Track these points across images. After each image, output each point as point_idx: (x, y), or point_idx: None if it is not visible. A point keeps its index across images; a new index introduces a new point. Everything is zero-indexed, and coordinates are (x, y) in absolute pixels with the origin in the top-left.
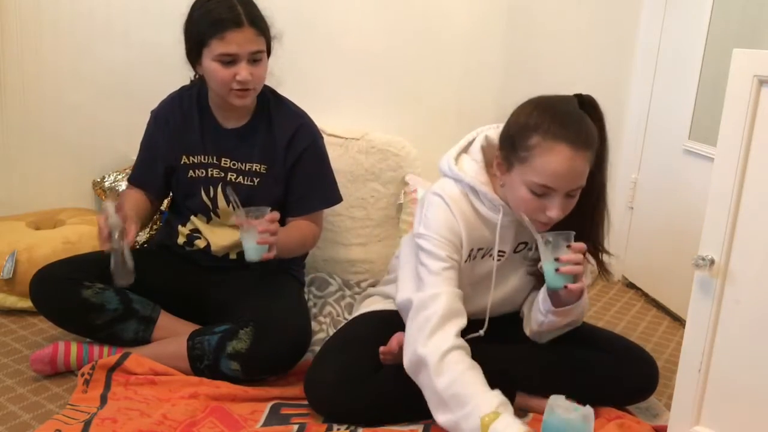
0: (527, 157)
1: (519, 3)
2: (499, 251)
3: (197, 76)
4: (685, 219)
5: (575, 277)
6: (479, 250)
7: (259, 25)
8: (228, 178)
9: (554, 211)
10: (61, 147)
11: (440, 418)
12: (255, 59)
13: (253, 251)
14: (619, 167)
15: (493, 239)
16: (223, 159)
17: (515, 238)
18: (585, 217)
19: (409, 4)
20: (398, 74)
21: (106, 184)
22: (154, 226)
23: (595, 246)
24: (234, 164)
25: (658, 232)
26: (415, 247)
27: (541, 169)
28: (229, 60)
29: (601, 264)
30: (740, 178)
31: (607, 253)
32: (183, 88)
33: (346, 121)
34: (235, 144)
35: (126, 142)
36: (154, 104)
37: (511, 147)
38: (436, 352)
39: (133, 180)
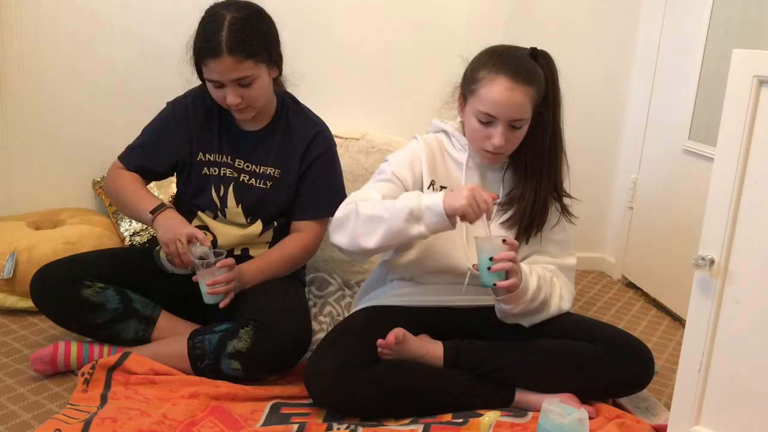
0: (476, 89)
1: (519, 3)
2: None
3: None
4: (685, 219)
5: (507, 274)
6: (443, 187)
7: (245, 51)
8: (240, 179)
9: (497, 138)
10: (61, 147)
11: (374, 236)
12: (243, 83)
13: (209, 297)
14: (619, 167)
15: (459, 182)
16: (237, 160)
17: (481, 185)
18: (543, 157)
19: (409, 4)
20: (398, 74)
21: None
22: None
23: (555, 188)
24: (248, 166)
25: (658, 232)
26: None
27: (485, 97)
28: (217, 85)
29: (564, 207)
30: (740, 178)
31: (569, 196)
32: (204, 86)
33: (346, 121)
34: (251, 146)
35: (126, 141)
36: (154, 104)
37: (465, 83)
38: (354, 203)
39: (130, 163)
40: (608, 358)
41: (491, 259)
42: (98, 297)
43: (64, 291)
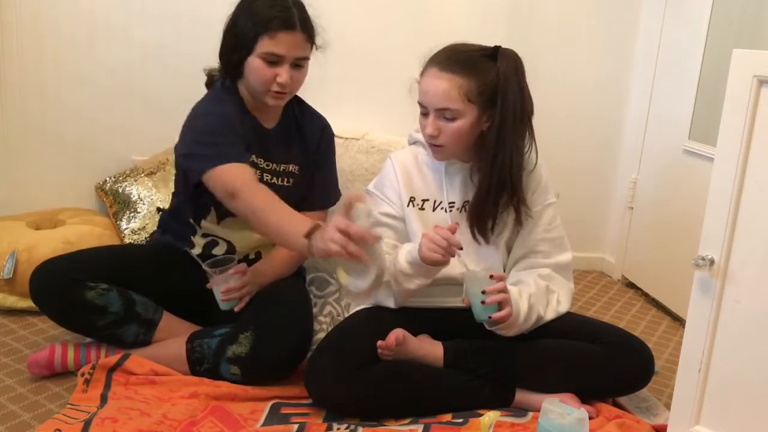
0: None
1: (519, 3)
2: (449, 202)
3: (218, 78)
4: (685, 219)
5: (499, 305)
6: (424, 200)
7: (310, 31)
8: (264, 179)
9: (428, 127)
10: (61, 147)
11: (391, 299)
12: (298, 64)
13: (224, 303)
14: (619, 167)
15: (440, 191)
16: (259, 159)
17: (463, 190)
18: (487, 157)
19: (409, 4)
20: (398, 74)
21: (107, 186)
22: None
23: (515, 194)
24: (269, 165)
25: (658, 232)
26: None
27: (419, 88)
28: (274, 60)
29: (519, 213)
30: (740, 178)
31: (525, 204)
32: (223, 87)
33: (346, 121)
34: (271, 145)
35: (126, 142)
36: (154, 104)
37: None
38: None
39: (239, 159)
40: (608, 357)
41: (483, 292)
42: (101, 299)
43: (65, 291)
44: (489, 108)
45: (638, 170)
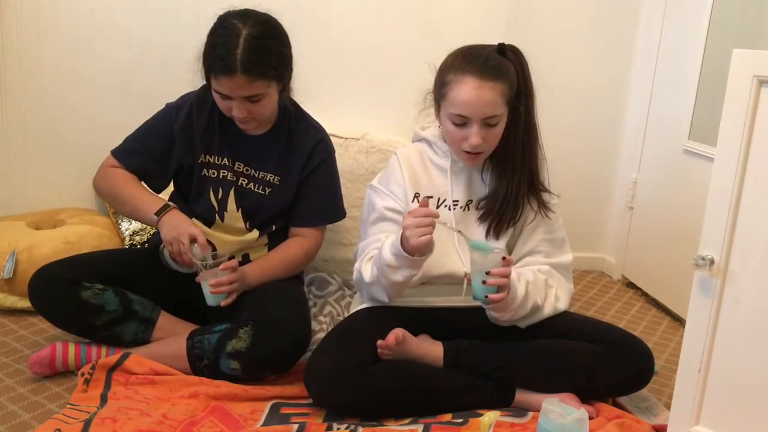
0: (445, 92)
1: (519, 3)
2: (454, 200)
3: None
4: (685, 219)
5: (498, 288)
6: (429, 198)
7: (257, 71)
8: (239, 183)
9: (473, 138)
10: (61, 147)
11: (384, 293)
12: (252, 100)
13: (211, 298)
14: (619, 167)
15: (445, 188)
16: (237, 163)
17: (468, 189)
18: (515, 151)
19: (409, 4)
20: (399, 74)
21: None
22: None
23: (532, 182)
24: (247, 170)
25: (658, 232)
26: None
27: (454, 99)
28: (225, 97)
29: (541, 203)
30: (740, 178)
31: (546, 190)
32: (206, 87)
33: (346, 121)
34: (253, 151)
35: None
36: (155, 103)
37: (436, 88)
38: (360, 264)
39: (130, 164)
40: (608, 357)
41: (488, 273)
42: (97, 299)
43: (62, 293)
44: (513, 103)
45: (638, 170)
